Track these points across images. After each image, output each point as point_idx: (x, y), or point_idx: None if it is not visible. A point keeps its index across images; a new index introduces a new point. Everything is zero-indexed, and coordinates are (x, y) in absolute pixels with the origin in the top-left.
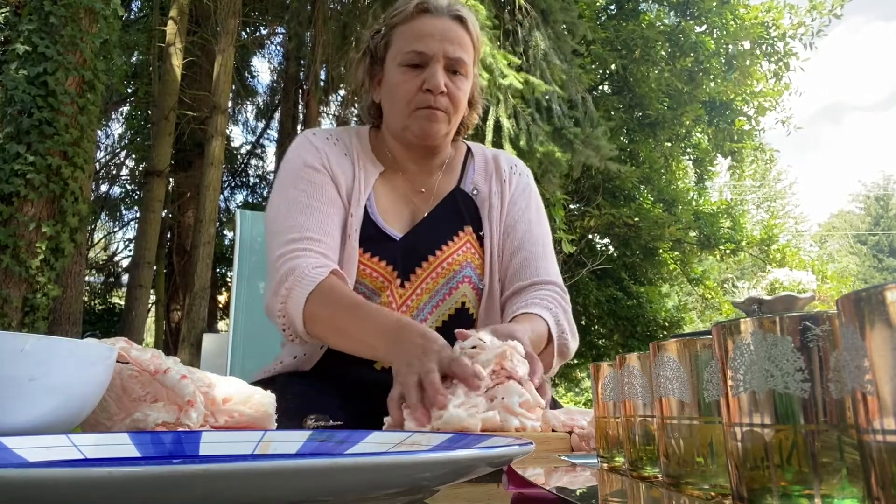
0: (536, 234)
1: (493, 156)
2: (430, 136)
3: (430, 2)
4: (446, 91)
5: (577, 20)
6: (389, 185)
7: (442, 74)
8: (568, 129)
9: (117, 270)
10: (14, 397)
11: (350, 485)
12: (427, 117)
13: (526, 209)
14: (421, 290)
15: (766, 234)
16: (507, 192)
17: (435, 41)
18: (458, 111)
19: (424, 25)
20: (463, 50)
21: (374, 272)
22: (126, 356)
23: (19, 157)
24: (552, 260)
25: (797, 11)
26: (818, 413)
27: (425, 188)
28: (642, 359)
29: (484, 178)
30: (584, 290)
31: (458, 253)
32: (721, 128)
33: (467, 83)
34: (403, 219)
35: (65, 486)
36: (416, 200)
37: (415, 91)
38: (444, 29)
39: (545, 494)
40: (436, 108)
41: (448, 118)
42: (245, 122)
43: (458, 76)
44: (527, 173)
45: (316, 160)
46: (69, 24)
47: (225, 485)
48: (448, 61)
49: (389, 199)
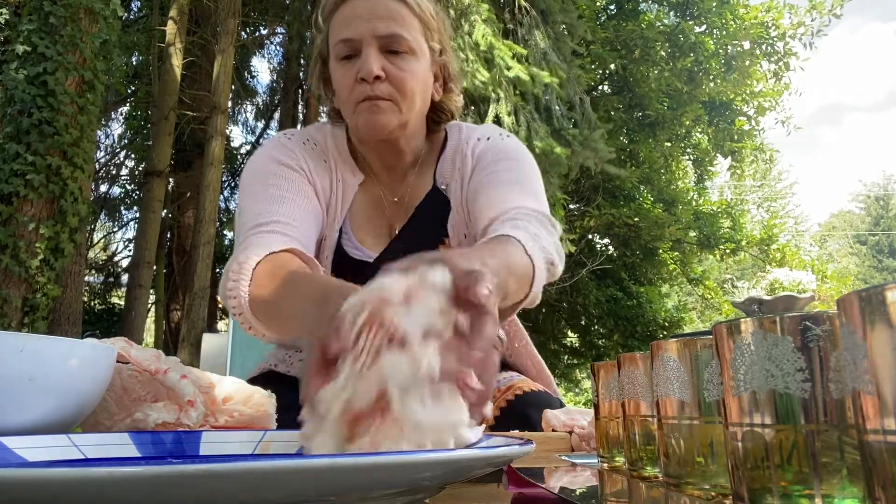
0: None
1: (464, 136)
2: (376, 129)
3: None
4: (384, 75)
5: (576, 20)
6: (368, 195)
7: (376, 58)
8: (566, 131)
9: (117, 270)
10: (14, 397)
11: (350, 485)
12: (368, 109)
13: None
14: None
15: (766, 234)
16: (467, 165)
17: (362, 22)
18: (407, 95)
19: (347, 10)
20: (399, 24)
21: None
22: (126, 356)
23: (19, 157)
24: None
25: (797, 11)
26: (818, 413)
27: (398, 197)
28: (642, 359)
29: (452, 165)
30: (584, 290)
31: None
32: (721, 128)
33: (416, 61)
34: (379, 235)
35: (65, 486)
36: (391, 211)
37: (352, 83)
38: (371, 7)
39: (545, 494)
40: (375, 97)
41: (397, 106)
42: (245, 122)
43: (399, 56)
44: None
45: (292, 160)
46: (69, 24)
47: (225, 485)
48: (381, 41)
49: (366, 211)
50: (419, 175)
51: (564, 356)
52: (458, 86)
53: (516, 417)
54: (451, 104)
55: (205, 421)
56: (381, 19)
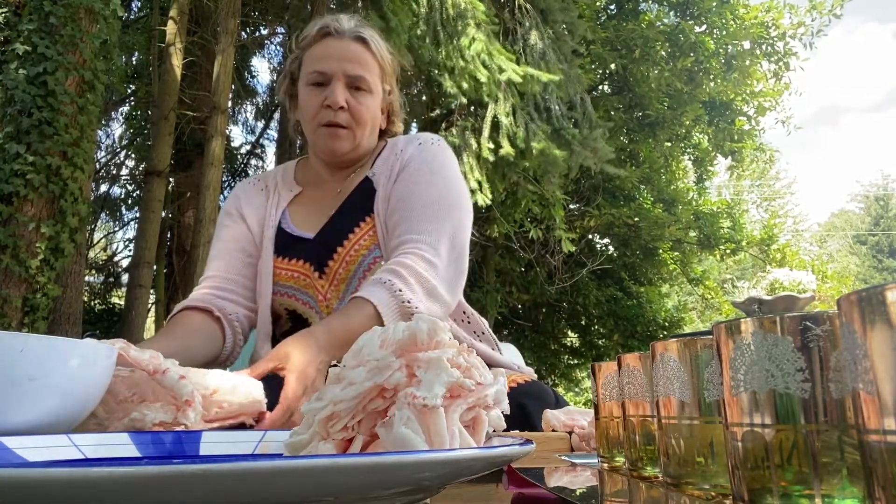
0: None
1: (400, 138)
2: (334, 152)
3: (331, 26)
4: (347, 106)
5: (576, 20)
6: (306, 200)
7: (342, 91)
8: (566, 130)
9: (117, 270)
10: (14, 397)
11: (350, 485)
12: (329, 135)
13: (413, 174)
14: (337, 280)
15: (766, 233)
16: (396, 165)
17: (334, 61)
18: (362, 125)
19: (326, 48)
20: (364, 68)
21: (293, 272)
22: (125, 356)
23: (19, 157)
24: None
25: (797, 11)
26: (819, 413)
27: (340, 189)
28: (642, 359)
29: (385, 161)
30: (584, 290)
31: (363, 239)
32: (721, 128)
33: (372, 98)
34: (318, 222)
35: (65, 486)
36: (329, 203)
37: (318, 107)
38: (343, 49)
39: (545, 494)
40: (336, 123)
41: (352, 133)
42: (245, 122)
43: (360, 92)
44: (430, 141)
45: (231, 207)
46: (69, 24)
47: (225, 485)
48: (349, 79)
49: (304, 211)
50: (357, 173)
51: (564, 356)
52: (399, 119)
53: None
54: (394, 129)
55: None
56: (350, 62)
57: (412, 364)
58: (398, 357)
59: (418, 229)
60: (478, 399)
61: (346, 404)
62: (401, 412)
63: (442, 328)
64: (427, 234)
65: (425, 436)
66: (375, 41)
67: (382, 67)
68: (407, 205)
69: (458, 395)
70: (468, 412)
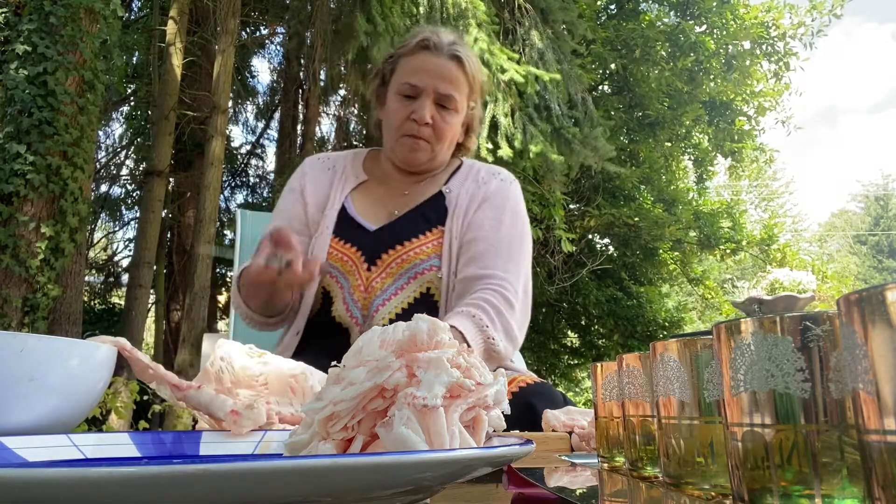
0: (498, 235)
1: (480, 166)
2: (411, 163)
3: (431, 40)
4: (431, 123)
5: (576, 20)
6: (370, 192)
7: (430, 107)
8: (567, 129)
9: (117, 270)
10: (14, 397)
11: (350, 485)
12: (409, 146)
13: (497, 209)
14: (385, 274)
15: (766, 233)
16: (479, 193)
17: (428, 77)
18: (442, 141)
19: (422, 61)
20: (454, 87)
21: (344, 255)
22: (127, 353)
23: (19, 157)
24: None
25: (797, 11)
26: (818, 413)
27: (407, 192)
28: (642, 359)
29: (462, 182)
30: (584, 290)
31: (426, 246)
32: (721, 128)
33: (456, 117)
34: (380, 217)
35: (65, 486)
36: (394, 203)
37: (403, 118)
38: (438, 66)
39: (545, 494)
40: (419, 136)
41: (431, 147)
42: (245, 122)
43: (446, 110)
44: (510, 180)
45: (295, 182)
46: (69, 24)
47: (225, 485)
48: (437, 96)
49: (367, 202)
50: (429, 182)
51: (564, 356)
52: (476, 133)
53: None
54: (469, 144)
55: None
56: (443, 80)
57: (412, 364)
58: (398, 357)
59: (504, 268)
60: (478, 399)
61: (346, 404)
62: (401, 412)
63: (442, 328)
64: (510, 275)
65: (425, 436)
66: (470, 61)
67: (472, 86)
68: (492, 238)
69: (458, 395)
70: (468, 412)
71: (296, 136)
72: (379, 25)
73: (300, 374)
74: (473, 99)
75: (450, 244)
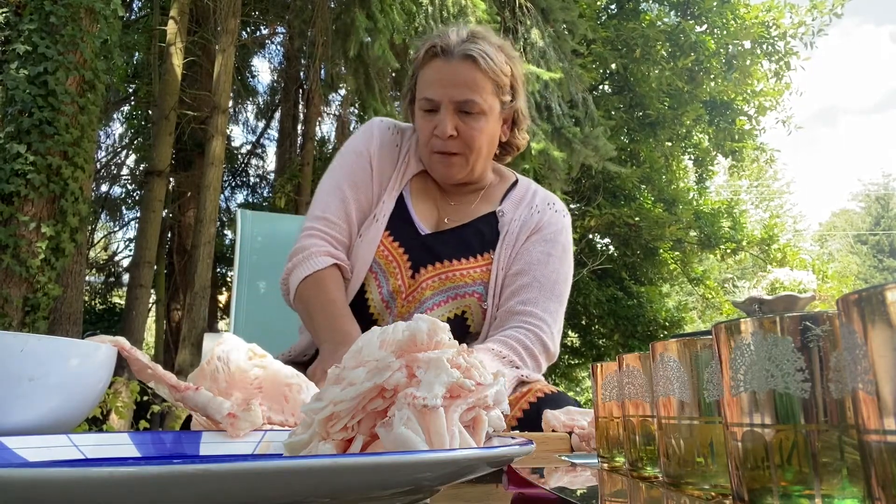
0: (545, 270)
1: (536, 190)
2: (447, 179)
3: (438, 45)
4: (456, 134)
5: (577, 19)
6: (424, 186)
7: (450, 119)
8: (567, 129)
9: (118, 270)
10: (14, 397)
11: (350, 485)
12: (441, 162)
13: (547, 244)
14: (426, 285)
15: (766, 233)
16: (531, 221)
17: (442, 88)
18: (475, 150)
19: (434, 72)
20: (473, 91)
21: (391, 254)
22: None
23: (20, 157)
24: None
25: (797, 11)
26: (818, 413)
27: (456, 203)
28: (642, 359)
29: (515, 205)
30: (585, 289)
31: (474, 270)
32: (721, 127)
33: (484, 120)
34: (431, 220)
35: (65, 486)
36: (446, 210)
37: (429, 134)
38: (451, 73)
39: (545, 494)
40: (447, 152)
41: (465, 159)
42: (245, 122)
43: (470, 116)
44: (564, 212)
45: (363, 145)
46: (69, 24)
47: (225, 485)
48: (457, 104)
49: (422, 198)
50: (483, 199)
51: (565, 356)
52: (524, 126)
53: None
54: (517, 141)
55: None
56: (457, 87)
57: (412, 364)
58: (398, 357)
59: (544, 307)
60: (478, 399)
61: (346, 405)
62: (401, 412)
63: (442, 328)
64: (549, 315)
65: (425, 436)
66: (486, 57)
67: (497, 81)
68: (537, 274)
69: (457, 395)
70: (468, 412)
71: (296, 136)
72: (379, 22)
73: (296, 384)
74: (505, 93)
75: (496, 274)
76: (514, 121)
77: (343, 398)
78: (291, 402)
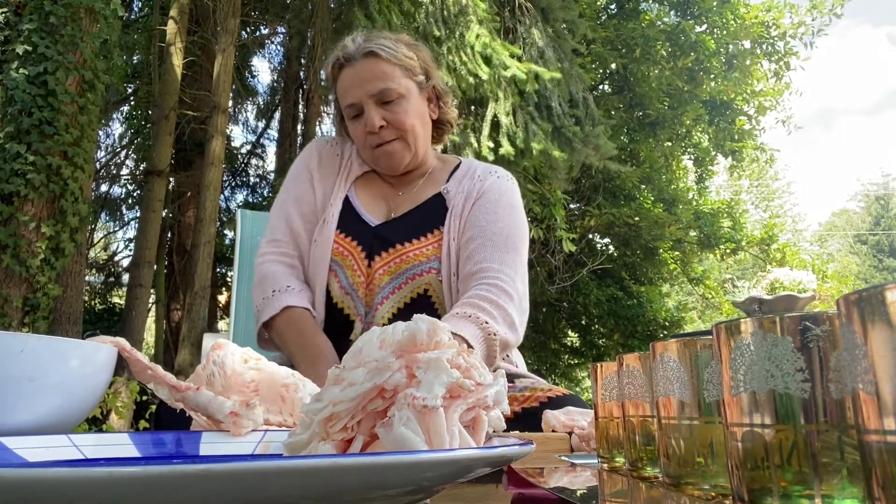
0: (494, 228)
1: (478, 165)
2: (395, 168)
3: (340, 56)
4: (386, 123)
5: (577, 19)
6: (370, 184)
7: (375, 112)
8: (568, 128)
9: (117, 270)
10: (14, 397)
11: (350, 485)
12: (383, 154)
13: (491, 204)
14: (383, 272)
15: (766, 233)
16: (474, 190)
17: (356, 89)
18: (408, 130)
19: (345, 79)
20: (384, 80)
21: (345, 250)
22: (126, 354)
23: (19, 157)
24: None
25: (797, 11)
26: (818, 413)
27: (404, 192)
28: (642, 359)
29: (459, 181)
30: (585, 289)
31: (426, 248)
32: (721, 127)
33: (406, 102)
34: (381, 212)
35: (65, 486)
36: (394, 200)
37: (364, 135)
38: (359, 74)
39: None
40: (383, 142)
41: (403, 142)
42: (245, 122)
43: (393, 103)
44: (507, 177)
45: (302, 164)
46: (69, 24)
47: (225, 485)
48: (375, 97)
49: (369, 195)
50: (427, 182)
51: (565, 356)
52: (449, 98)
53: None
54: (447, 116)
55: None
56: (369, 82)
57: (412, 365)
58: (398, 358)
59: (500, 259)
60: (478, 399)
61: (346, 405)
62: (400, 413)
63: (441, 328)
64: (507, 266)
65: (425, 436)
66: (385, 48)
67: (405, 65)
68: (486, 233)
69: (457, 395)
70: (468, 412)
71: (296, 136)
72: (378, 22)
73: (292, 383)
74: (417, 74)
75: (448, 246)
76: (437, 97)
77: (343, 398)
78: (289, 401)
